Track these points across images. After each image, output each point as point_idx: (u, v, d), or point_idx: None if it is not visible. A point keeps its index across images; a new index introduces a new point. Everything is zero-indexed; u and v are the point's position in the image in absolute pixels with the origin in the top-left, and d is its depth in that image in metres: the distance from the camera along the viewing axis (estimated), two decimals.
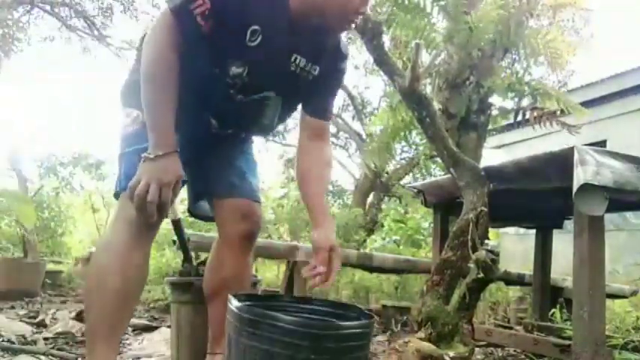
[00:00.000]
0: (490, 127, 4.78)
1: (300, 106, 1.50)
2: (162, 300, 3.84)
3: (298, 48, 1.33)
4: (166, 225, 2.35)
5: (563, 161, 1.54)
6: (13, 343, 2.18)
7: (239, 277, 1.50)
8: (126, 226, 1.25)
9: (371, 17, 1.97)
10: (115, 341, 1.26)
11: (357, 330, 1.12)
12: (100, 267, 1.28)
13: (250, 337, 1.06)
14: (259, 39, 1.26)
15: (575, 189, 1.42)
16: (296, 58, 1.34)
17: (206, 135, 1.42)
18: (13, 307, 3.58)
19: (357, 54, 8.18)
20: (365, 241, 6.12)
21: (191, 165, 1.37)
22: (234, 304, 1.13)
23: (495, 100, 4.45)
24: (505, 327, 3.17)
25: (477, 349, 2.65)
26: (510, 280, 3.75)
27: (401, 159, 6.91)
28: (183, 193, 1.50)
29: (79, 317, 2.77)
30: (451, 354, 1.39)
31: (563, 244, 2.32)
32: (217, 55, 1.27)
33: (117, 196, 1.33)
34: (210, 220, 1.63)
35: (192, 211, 1.63)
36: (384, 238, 6.53)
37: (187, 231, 2.38)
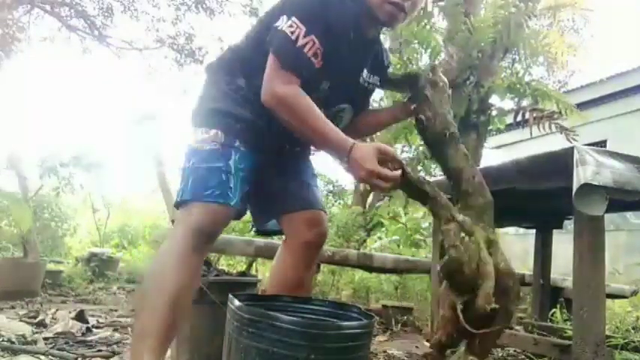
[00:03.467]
0: (490, 127, 4.79)
1: None
2: None
3: (366, 61, 1.49)
4: (166, 224, 2.36)
5: (563, 161, 1.54)
6: (13, 342, 2.18)
7: (299, 283, 1.52)
8: (189, 234, 1.30)
9: None
10: (164, 347, 1.25)
11: (357, 330, 1.12)
12: (158, 271, 1.31)
13: (250, 337, 1.06)
14: (339, 51, 1.36)
15: (575, 189, 1.42)
16: (364, 71, 1.49)
17: (277, 155, 1.50)
18: (13, 307, 3.58)
19: None
20: (365, 241, 6.12)
21: (261, 188, 1.49)
22: (234, 304, 1.13)
23: (495, 100, 4.45)
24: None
25: None
26: None
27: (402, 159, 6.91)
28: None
29: (79, 317, 2.77)
30: None
31: (563, 244, 2.32)
32: (317, 78, 1.36)
33: (177, 205, 1.38)
34: (276, 233, 1.70)
35: (260, 229, 1.69)
36: (380, 238, 6.53)
37: None
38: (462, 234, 1.29)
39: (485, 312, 1.22)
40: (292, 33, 1.28)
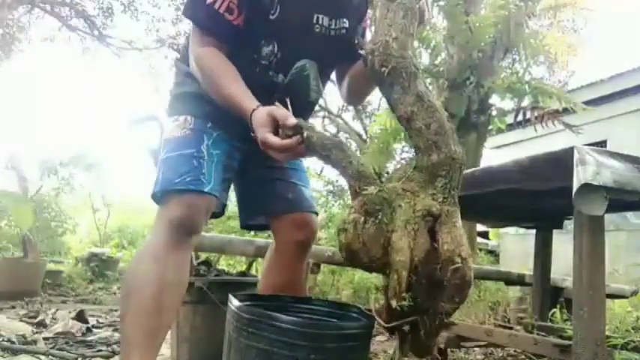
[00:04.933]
0: (490, 127, 4.80)
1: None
2: None
3: (319, 7, 1.32)
4: None
5: (563, 161, 1.54)
6: (13, 342, 2.19)
7: (291, 282, 1.48)
8: (166, 228, 1.23)
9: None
10: (152, 352, 1.17)
11: (357, 330, 1.12)
12: (138, 270, 1.24)
13: (250, 336, 1.06)
14: (278, 9, 1.25)
15: (575, 189, 1.42)
16: (318, 19, 1.31)
17: (256, 145, 1.39)
18: (13, 307, 3.58)
19: None
20: None
21: (249, 186, 1.45)
22: (234, 304, 1.13)
23: (495, 100, 4.46)
24: (505, 327, 3.17)
25: (476, 349, 2.65)
26: (510, 280, 3.75)
27: (401, 159, 6.93)
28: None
29: (79, 317, 2.77)
30: None
31: (563, 244, 2.32)
32: (251, 41, 1.27)
33: (154, 197, 1.30)
34: (263, 228, 1.64)
35: (246, 224, 1.61)
36: None
37: None
38: (363, 213, 1.00)
39: (396, 309, 0.98)
40: None
